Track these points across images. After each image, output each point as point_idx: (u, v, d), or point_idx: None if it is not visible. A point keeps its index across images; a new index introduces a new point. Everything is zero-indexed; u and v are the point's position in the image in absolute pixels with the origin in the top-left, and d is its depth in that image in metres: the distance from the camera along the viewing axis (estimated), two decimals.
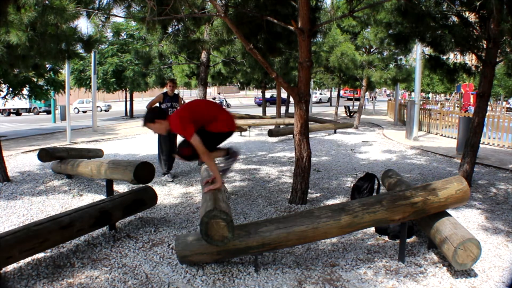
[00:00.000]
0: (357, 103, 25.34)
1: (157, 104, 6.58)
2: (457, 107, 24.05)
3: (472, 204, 5.26)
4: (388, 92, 52.51)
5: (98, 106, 28.34)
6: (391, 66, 15.43)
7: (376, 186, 5.00)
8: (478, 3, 4.89)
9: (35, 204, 5.25)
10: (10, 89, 13.92)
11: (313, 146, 9.06)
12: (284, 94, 18.67)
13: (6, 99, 14.42)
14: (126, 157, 9.00)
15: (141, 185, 4.68)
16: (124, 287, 3.08)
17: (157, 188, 5.71)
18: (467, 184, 3.60)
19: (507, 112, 24.96)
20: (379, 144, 11.28)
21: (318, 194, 5.73)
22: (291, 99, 5.76)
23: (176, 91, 6.78)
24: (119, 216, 4.14)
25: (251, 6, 5.58)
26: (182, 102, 6.52)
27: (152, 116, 3.51)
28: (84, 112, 31.82)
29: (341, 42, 14.50)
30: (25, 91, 14.70)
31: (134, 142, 11.95)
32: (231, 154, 3.87)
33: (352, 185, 5.71)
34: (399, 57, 15.34)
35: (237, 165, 7.94)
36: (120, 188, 5.99)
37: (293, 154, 7.60)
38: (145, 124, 3.51)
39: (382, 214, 3.35)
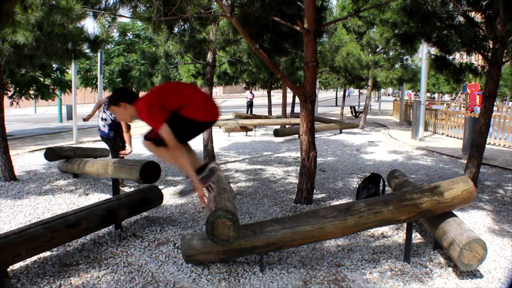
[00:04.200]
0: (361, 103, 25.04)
1: None
2: (463, 107, 23.88)
3: (478, 205, 5.23)
4: (390, 91, 49.97)
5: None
6: (397, 66, 15.38)
7: (381, 187, 4.99)
8: (484, 3, 4.87)
9: (41, 203, 5.29)
10: (17, 88, 14.04)
11: (319, 146, 9.03)
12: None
13: (13, 98, 14.53)
14: (132, 156, 9.01)
15: (147, 184, 4.71)
16: (129, 286, 3.10)
17: (162, 188, 5.73)
18: (473, 185, 3.58)
19: None
20: (385, 145, 11.25)
21: (323, 194, 5.72)
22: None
23: None
24: (125, 215, 4.17)
25: (257, 6, 5.58)
26: None
27: (118, 97, 2.91)
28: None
29: (346, 42, 14.46)
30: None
31: (139, 141, 11.96)
32: (211, 170, 3.16)
33: (357, 185, 5.70)
34: (405, 57, 15.30)
35: (243, 165, 7.95)
36: (126, 187, 6.02)
37: (298, 154, 7.59)
38: (109, 107, 2.95)
39: (387, 214, 3.34)
